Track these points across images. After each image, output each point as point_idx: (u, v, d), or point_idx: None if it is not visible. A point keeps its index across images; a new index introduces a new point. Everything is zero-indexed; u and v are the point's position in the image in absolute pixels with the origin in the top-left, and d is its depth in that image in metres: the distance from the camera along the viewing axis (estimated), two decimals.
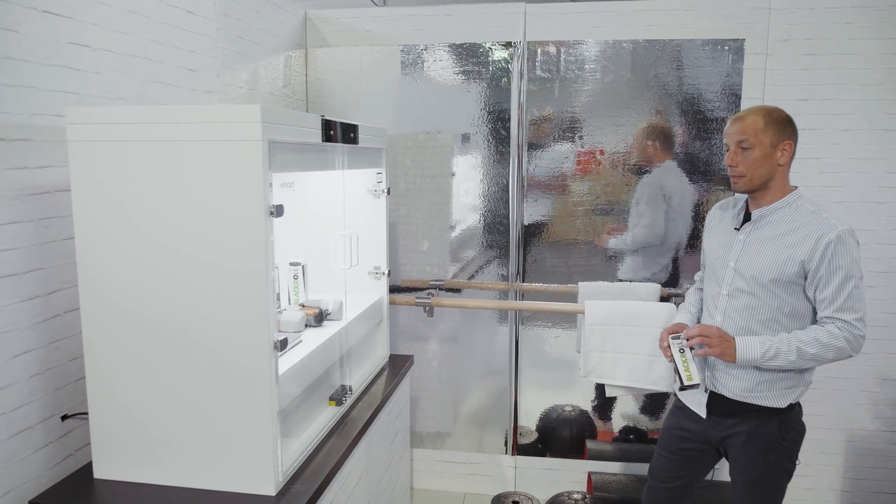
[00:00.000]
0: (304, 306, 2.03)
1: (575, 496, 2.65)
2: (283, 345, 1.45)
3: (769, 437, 1.74)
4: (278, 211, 1.41)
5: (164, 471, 1.49)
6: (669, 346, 1.77)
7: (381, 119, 2.84)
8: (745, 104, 2.58)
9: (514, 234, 2.82)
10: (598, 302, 2.57)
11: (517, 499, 2.82)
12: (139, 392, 1.47)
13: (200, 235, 1.41)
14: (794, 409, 1.76)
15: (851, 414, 2.71)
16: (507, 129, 2.77)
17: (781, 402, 1.73)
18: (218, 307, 1.42)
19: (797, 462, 1.79)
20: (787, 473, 1.78)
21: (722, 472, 2.31)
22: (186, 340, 1.44)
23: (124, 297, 1.45)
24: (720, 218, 1.91)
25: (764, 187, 1.73)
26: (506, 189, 2.81)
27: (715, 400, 1.81)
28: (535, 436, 2.97)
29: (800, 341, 1.65)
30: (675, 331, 1.81)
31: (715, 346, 1.69)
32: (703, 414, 1.83)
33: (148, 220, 1.42)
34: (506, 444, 2.98)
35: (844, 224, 1.66)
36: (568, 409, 2.93)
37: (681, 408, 1.93)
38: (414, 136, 2.86)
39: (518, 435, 2.97)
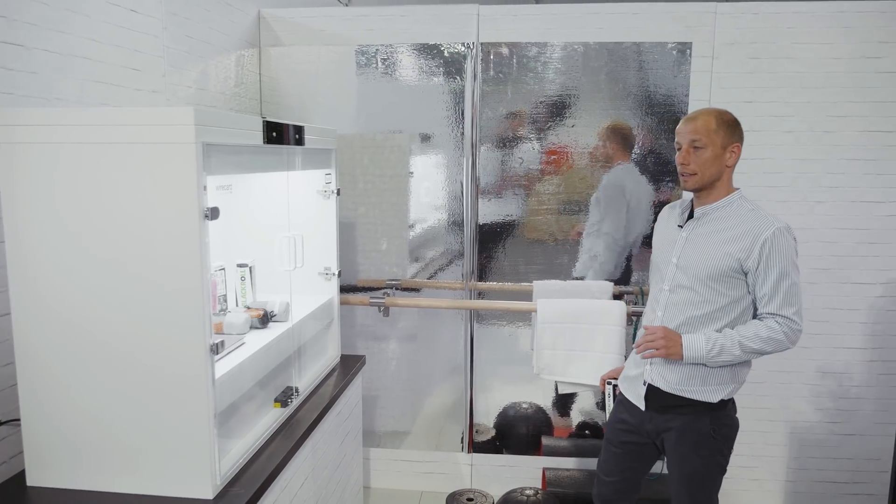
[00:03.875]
0: (249, 308, 2.02)
1: (528, 492, 2.69)
2: (219, 348, 1.44)
3: (701, 432, 1.80)
4: (213, 214, 1.40)
5: (100, 476, 1.48)
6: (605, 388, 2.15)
7: (338, 119, 2.83)
8: (693, 106, 2.64)
9: (468, 233, 2.84)
10: (550, 301, 2.61)
11: (472, 496, 2.84)
12: (73, 397, 1.46)
13: (135, 239, 1.39)
14: (727, 405, 1.82)
15: (794, 406, 2.80)
16: (462, 130, 2.79)
17: (713, 398, 1.78)
18: (153, 310, 1.41)
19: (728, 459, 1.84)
20: (721, 468, 1.84)
21: None
22: (121, 344, 1.43)
23: (56, 301, 1.43)
24: (668, 217, 1.96)
25: (710, 186, 1.78)
26: (461, 189, 2.83)
27: (652, 393, 1.86)
28: (492, 433, 3.00)
29: (742, 336, 1.72)
30: (612, 375, 2.14)
31: (660, 347, 1.76)
32: (642, 406, 1.88)
33: (80, 223, 1.40)
34: (462, 441, 3.01)
35: (781, 221, 1.72)
36: (525, 405, 2.97)
37: (622, 402, 1.99)
38: (372, 135, 2.86)
39: (475, 432, 3.00)
